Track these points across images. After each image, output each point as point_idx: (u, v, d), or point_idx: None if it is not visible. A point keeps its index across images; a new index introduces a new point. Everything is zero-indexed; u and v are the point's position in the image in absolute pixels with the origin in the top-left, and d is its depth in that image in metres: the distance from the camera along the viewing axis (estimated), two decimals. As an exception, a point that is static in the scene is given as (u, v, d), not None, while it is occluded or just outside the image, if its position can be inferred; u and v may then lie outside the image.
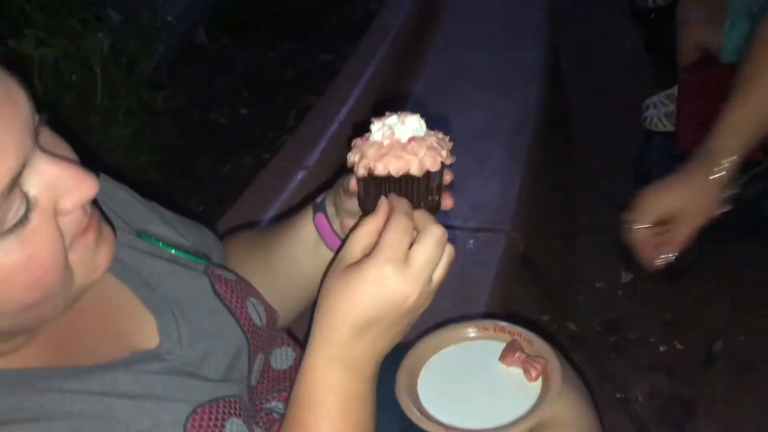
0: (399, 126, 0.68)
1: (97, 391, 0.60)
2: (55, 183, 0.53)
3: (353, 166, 0.70)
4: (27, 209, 0.52)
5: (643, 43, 2.46)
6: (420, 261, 0.64)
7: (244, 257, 0.90)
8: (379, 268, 0.63)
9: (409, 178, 0.67)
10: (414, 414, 0.82)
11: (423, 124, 0.70)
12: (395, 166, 0.67)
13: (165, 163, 1.85)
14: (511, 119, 1.96)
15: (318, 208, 0.85)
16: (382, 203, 0.67)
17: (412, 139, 0.68)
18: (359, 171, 0.69)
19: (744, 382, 1.81)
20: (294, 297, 0.89)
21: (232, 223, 1.60)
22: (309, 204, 0.87)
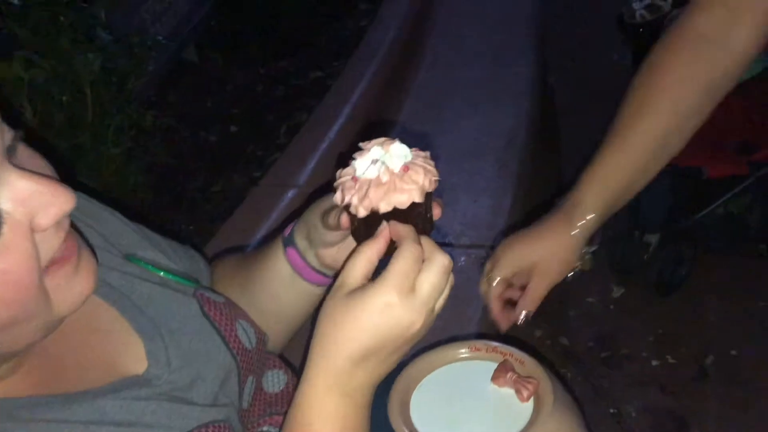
0: (389, 157, 0.68)
1: (83, 420, 0.59)
2: (30, 198, 0.53)
3: (347, 205, 0.68)
4: None
5: (632, 57, 2.48)
6: (426, 290, 0.63)
7: (227, 285, 0.90)
8: (386, 295, 0.62)
9: (412, 205, 0.67)
10: (407, 437, 0.82)
11: (405, 146, 0.68)
12: (400, 200, 0.66)
13: (155, 183, 1.85)
14: (502, 134, 1.97)
15: (287, 242, 0.84)
16: (382, 229, 0.67)
17: (406, 168, 0.67)
18: (360, 212, 0.67)
19: (736, 395, 1.82)
20: (276, 328, 0.89)
21: (223, 243, 1.60)
22: (278, 237, 0.86)
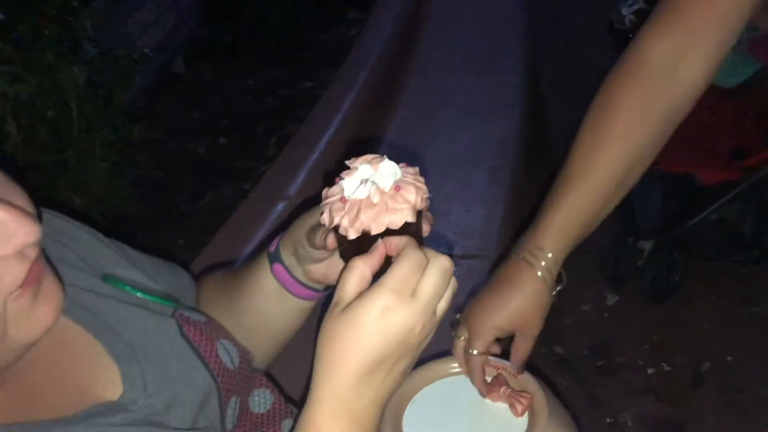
0: (378, 176, 0.66)
1: None
2: None
3: (335, 227, 0.66)
4: None
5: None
6: (428, 292, 0.61)
7: (213, 303, 0.88)
8: (383, 299, 0.60)
9: (404, 225, 0.64)
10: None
11: (394, 164, 0.66)
12: (392, 221, 0.64)
13: (144, 196, 1.83)
14: (493, 144, 1.95)
15: (273, 258, 0.82)
16: (378, 245, 0.64)
17: (398, 187, 0.65)
18: (351, 234, 0.64)
19: (733, 402, 1.80)
20: (264, 345, 0.87)
21: (213, 257, 1.58)
22: (263, 252, 0.85)
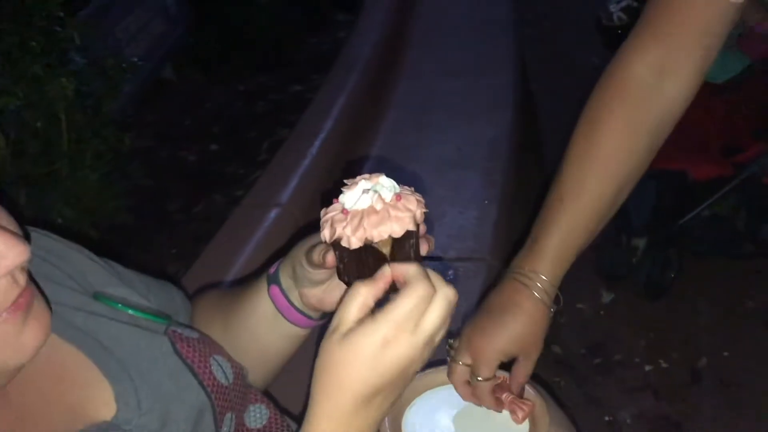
0: (380, 187, 0.66)
1: None
2: None
3: (334, 242, 0.66)
4: None
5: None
6: (431, 327, 0.60)
7: (208, 323, 0.87)
8: (383, 331, 0.59)
9: (406, 234, 0.65)
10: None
11: (391, 179, 0.67)
12: (395, 228, 0.64)
13: (135, 206, 1.82)
14: (485, 144, 1.95)
15: (272, 280, 0.82)
16: (384, 272, 0.63)
17: (399, 197, 0.65)
18: (353, 244, 0.64)
19: (730, 397, 1.81)
20: (258, 369, 0.86)
21: (206, 266, 1.56)
22: (263, 274, 0.84)
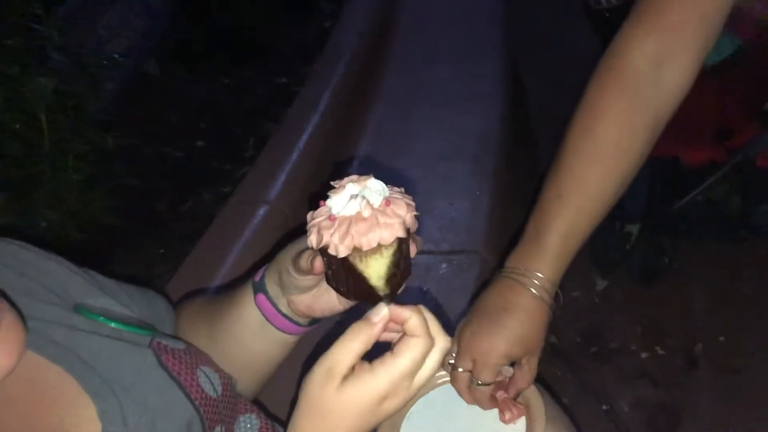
0: (368, 191, 0.63)
1: None
2: None
3: (322, 248, 0.64)
4: None
5: (600, 43, 2.45)
6: (425, 377, 0.62)
7: (193, 333, 0.85)
8: (386, 389, 0.60)
9: (395, 241, 0.63)
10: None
11: (380, 182, 0.65)
12: (385, 235, 0.62)
13: (121, 207, 1.78)
14: (475, 135, 1.92)
15: (258, 288, 0.80)
16: (381, 313, 0.61)
17: (388, 202, 0.63)
18: (341, 252, 0.62)
19: (728, 383, 1.80)
20: (247, 378, 0.84)
21: (195, 266, 1.54)
22: (248, 281, 0.82)
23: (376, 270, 0.63)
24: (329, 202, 0.64)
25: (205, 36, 2.59)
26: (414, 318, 0.61)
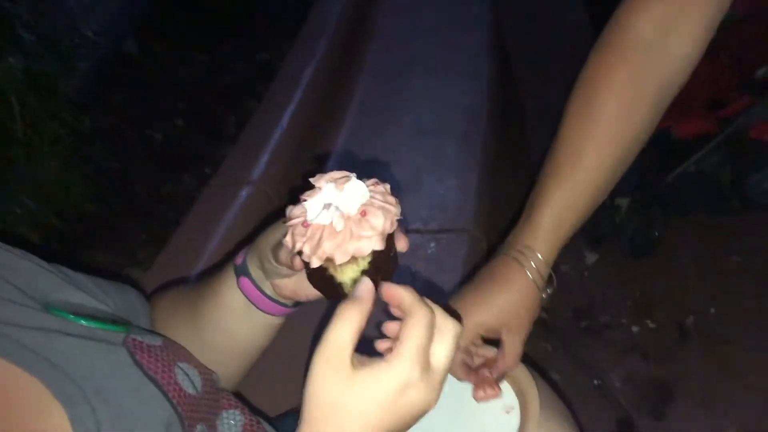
0: (342, 199, 0.59)
1: None
2: None
3: (299, 251, 0.61)
4: None
5: (588, 16, 2.40)
6: (443, 364, 0.56)
7: (171, 323, 0.81)
8: (406, 373, 0.53)
9: (373, 253, 0.59)
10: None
11: (362, 184, 0.60)
12: (358, 249, 0.58)
13: (101, 191, 1.73)
14: (463, 109, 1.88)
15: (240, 271, 0.76)
16: (364, 286, 0.58)
17: (364, 212, 0.59)
18: (313, 263, 0.59)
19: (719, 355, 1.79)
20: (231, 364, 0.81)
21: (177, 250, 1.50)
22: (228, 265, 0.78)
23: (351, 277, 0.60)
24: (306, 204, 0.61)
25: (184, 12, 2.52)
26: (408, 294, 0.57)
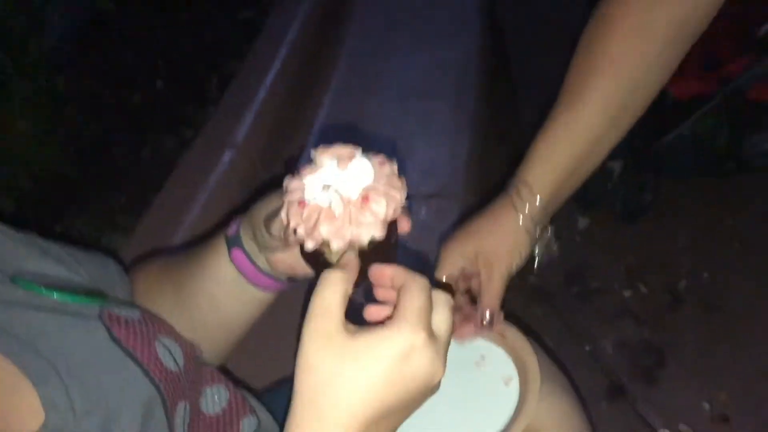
0: (343, 180, 0.54)
1: None
2: None
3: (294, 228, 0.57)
4: None
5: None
6: (445, 331, 0.51)
7: (154, 296, 0.77)
8: (411, 336, 0.48)
9: (372, 241, 0.55)
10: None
11: (368, 163, 0.56)
12: (356, 236, 0.54)
13: (78, 155, 1.67)
14: (452, 71, 1.82)
15: (233, 242, 0.72)
16: (347, 258, 0.54)
17: (366, 198, 0.54)
18: (308, 246, 0.55)
19: (711, 321, 1.78)
20: (218, 340, 0.76)
21: (158, 215, 1.45)
22: (218, 235, 0.73)
23: None
24: (304, 179, 0.56)
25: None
26: (397, 270, 0.54)
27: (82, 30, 2.12)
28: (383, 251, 0.56)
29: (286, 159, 1.46)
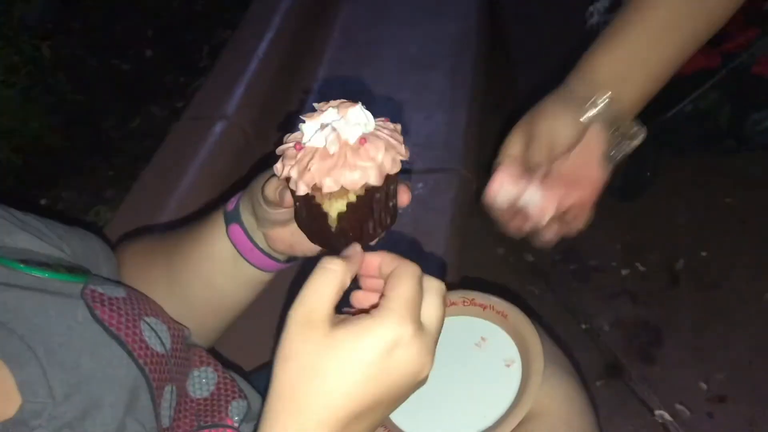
0: (342, 124, 0.51)
1: None
2: None
3: (287, 179, 0.54)
4: None
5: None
6: (435, 323, 0.49)
7: (144, 275, 0.73)
8: (397, 328, 0.45)
9: (368, 189, 0.52)
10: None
11: (368, 114, 0.53)
12: (350, 179, 0.51)
13: (64, 124, 1.62)
14: (450, 42, 1.77)
15: (231, 218, 0.68)
16: (353, 249, 0.51)
17: (363, 140, 0.51)
18: (300, 189, 0.52)
19: (708, 299, 1.76)
20: (211, 321, 0.73)
21: (146, 189, 1.40)
22: (217, 209, 0.70)
23: (338, 210, 0.53)
24: (303, 126, 0.53)
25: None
26: (386, 256, 0.51)
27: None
28: (380, 209, 0.53)
29: (287, 114, 1.41)
